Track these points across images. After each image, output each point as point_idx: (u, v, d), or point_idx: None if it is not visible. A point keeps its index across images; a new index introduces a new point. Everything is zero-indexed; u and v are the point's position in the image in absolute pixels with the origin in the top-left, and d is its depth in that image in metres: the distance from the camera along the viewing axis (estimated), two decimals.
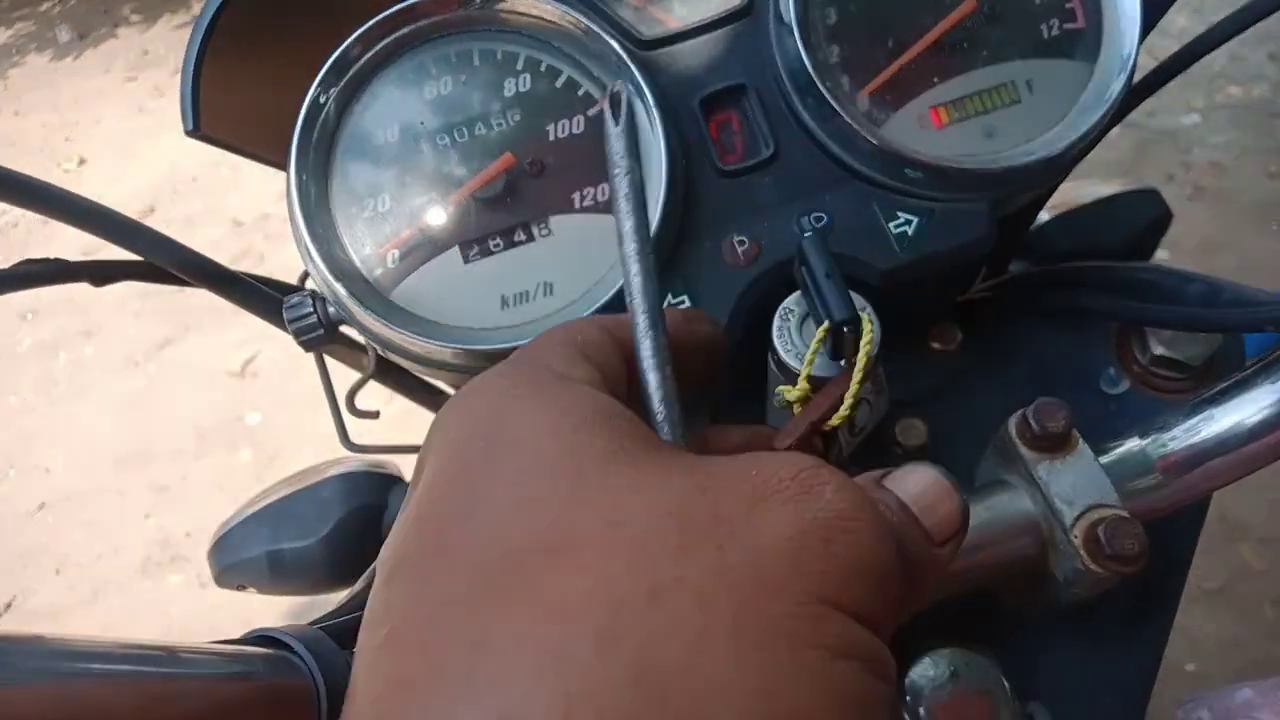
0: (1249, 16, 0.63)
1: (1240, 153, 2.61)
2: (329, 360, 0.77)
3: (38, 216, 0.61)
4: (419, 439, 0.82)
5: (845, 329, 0.49)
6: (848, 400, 0.49)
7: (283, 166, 0.61)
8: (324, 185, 0.59)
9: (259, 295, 0.69)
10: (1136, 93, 0.66)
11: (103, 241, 0.64)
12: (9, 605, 2.45)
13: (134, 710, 0.32)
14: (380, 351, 0.62)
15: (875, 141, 0.58)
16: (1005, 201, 0.61)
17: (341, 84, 0.59)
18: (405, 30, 0.60)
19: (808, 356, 0.51)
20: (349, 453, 0.87)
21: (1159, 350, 0.66)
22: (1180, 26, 2.61)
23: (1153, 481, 0.55)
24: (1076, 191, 1.11)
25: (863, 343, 0.49)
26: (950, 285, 0.66)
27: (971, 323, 0.71)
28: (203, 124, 0.61)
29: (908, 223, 0.60)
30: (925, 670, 0.58)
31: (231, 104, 0.64)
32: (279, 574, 0.79)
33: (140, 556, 2.41)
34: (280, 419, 2.56)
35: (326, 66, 0.59)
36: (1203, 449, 0.55)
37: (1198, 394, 0.58)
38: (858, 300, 0.50)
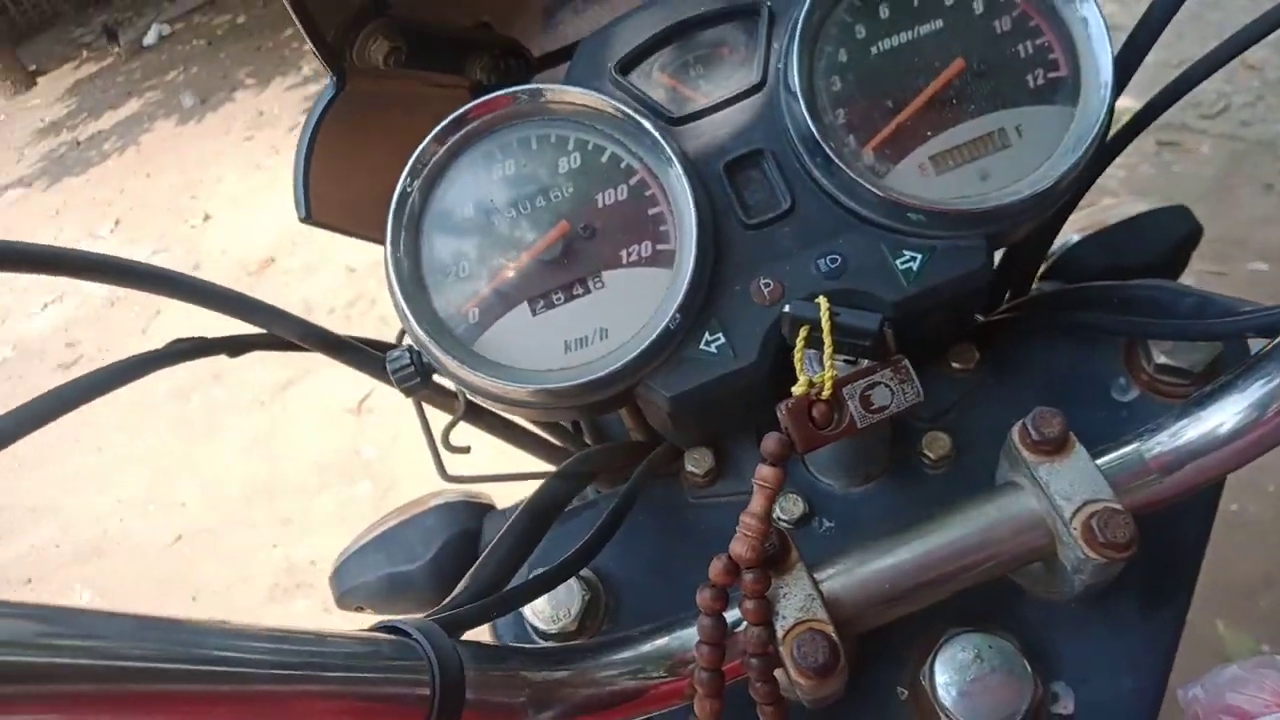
0: (1236, 45, 0.70)
1: None
2: (426, 407, 0.88)
3: (168, 267, 0.73)
4: (506, 469, 0.92)
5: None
6: (827, 365, 0.58)
7: (382, 242, 0.73)
8: (415, 258, 0.71)
9: (363, 355, 0.81)
10: (1123, 135, 0.73)
11: None
12: None
13: (292, 681, 0.42)
14: (468, 395, 0.73)
15: (879, 191, 0.67)
16: (1001, 235, 0.69)
17: (423, 174, 0.71)
18: (473, 125, 0.72)
19: (796, 355, 0.60)
20: (447, 484, 0.99)
21: (1161, 359, 0.73)
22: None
23: (1147, 479, 0.62)
24: (1110, 212, 1.16)
25: (823, 318, 0.58)
26: (959, 311, 0.73)
27: (990, 343, 0.78)
28: (314, 212, 0.74)
29: (913, 259, 0.68)
30: (950, 654, 0.64)
31: (337, 193, 0.77)
32: (392, 594, 0.91)
33: (268, 584, 2.59)
34: (395, 452, 2.72)
35: (410, 161, 0.70)
36: (1189, 448, 0.61)
37: (1180, 405, 0.64)
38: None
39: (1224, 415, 0.61)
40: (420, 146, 0.70)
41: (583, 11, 0.93)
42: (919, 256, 0.68)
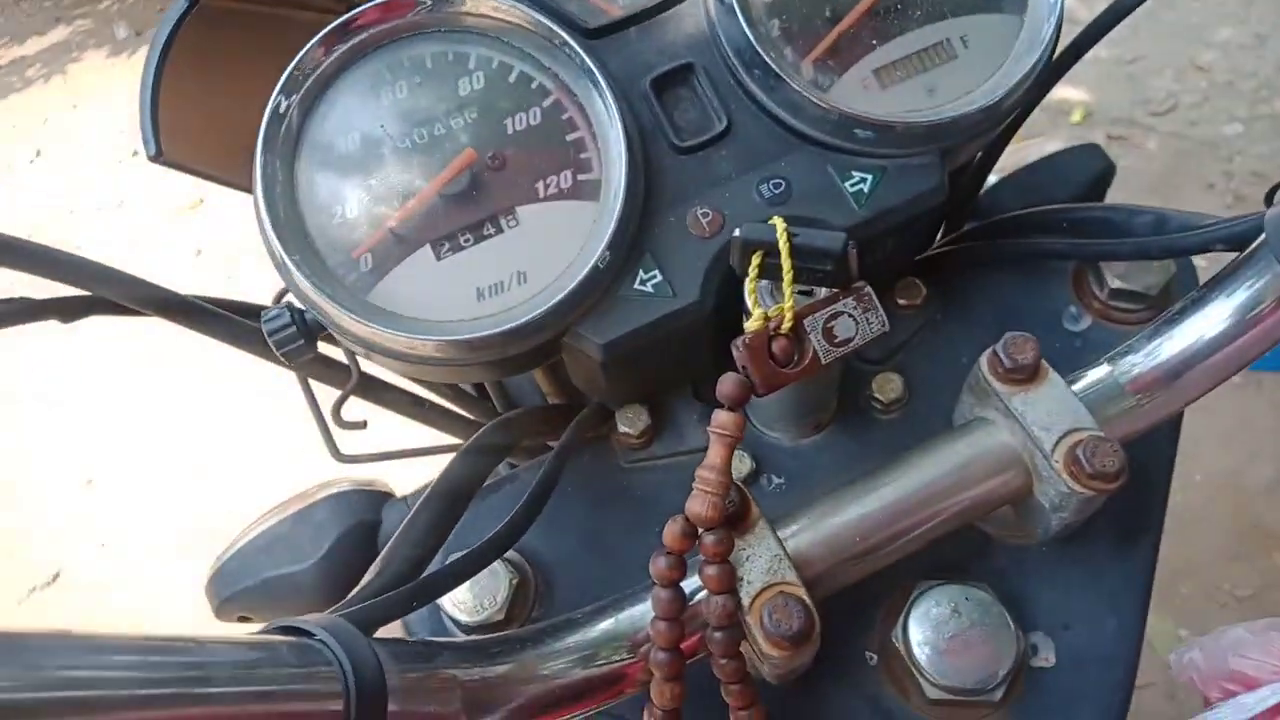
0: None
1: None
2: (315, 383, 0.77)
3: (90, 204, 0.60)
4: (409, 444, 0.82)
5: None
6: (787, 294, 0.52)
7: (249, 189, 0.62)
8: (291, 195, 0.60)
9: (226, 322, 0.69)
10: (1069, 52, 0.69)
11: None
12: (55, 577, 2.47)
13: (166, 702, 0.32)
14: (364, 355, 0.63)
15: (824, 105, 0.60)
16: (953, 153, 0.64)
17: (301, 92, 0.60)
18: (358, 38, 0.61)
19: (748, 287, 0.53)
20: (340, 474, 0.87)
21: (1115, 284, 0.69)
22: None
23: (1126, 404, 0.57)
24: (1024, 153, 1.14)
25: (781, 241, 0.51)
26: (910, 239, 0.68)
27: (934, 277, 0.73)
28: (165, 149, 0.62)
29: (863, 180, 0.62)
30: (925, 609, 0.59)
31: (194, 128, 0.65)
32: (279, 600, 0.79)
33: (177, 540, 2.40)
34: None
35: (285, 76, 0.59)
36: (1169, 366, 0.57)
37: (1152, 323, 0.61)
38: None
39: (1202, 328, 0.57)
40: (299, 55, 0.60)
41: None
42: (869, 177, 0.62)
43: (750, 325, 0.54)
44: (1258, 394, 2.05)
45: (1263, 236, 0.55)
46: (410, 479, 0.86)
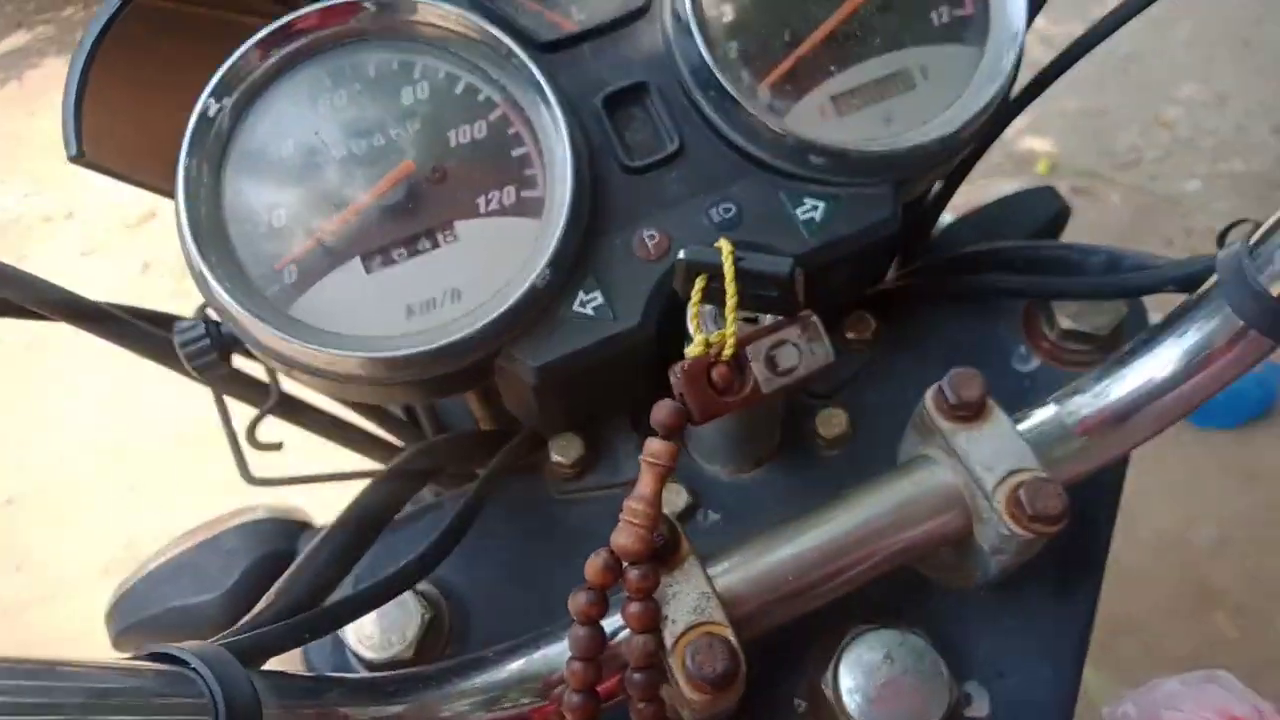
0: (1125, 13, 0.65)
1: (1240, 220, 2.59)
2: (233, 403, 0.74)
3: (39, 213, 0.57)
4: (327, 468, 0.79)
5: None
6: (730, 319, 0.50)
7: (170, 192, 0.60)
8: (216, 201, 0.57)
9: (136, 332, 0.65)
10: (1029, 90, 0.68)
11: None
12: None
13: None
14: (285, 372, 0.60)
15: (779, 130, 0.59)
16: (908, 184, 0.62)
17: (234, 96, 0.58)
18: (299, 43, 0.59)
19: (691, 311, 0.51)
20: (254, 503, 0.83)
21: (1066, 324, 0.68)
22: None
23: (1072, 446, 0.56)
24: (980, 195, 1.14)
25: (726, 264, 0.49)
26: (861, 270, 0.66)
27: (884, 312, 0.71)
28: (86, 150, 0.59)
29: (814, 208, 0.60)
30: (857, 655, 0.57)
31: (118, 130, 0.62)
32: (181, 632, 0.74)
33: (108, 558, 2.32)
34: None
35: (218, 76, 0.57)
36: (1117, 408, 0.56)
37: (1098, 367, 0.59)
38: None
39: (1152, 369, 0.56)
40: (232, 58, 0.57)
41: None
42: (820, 205, 0.60)
43: (691, 351, 0.52)
44: (1208, 453, 2.05)
45: (1214, 278, 0.54)
46: (333, 509, 0.83)
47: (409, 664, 0.58)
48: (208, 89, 0.57)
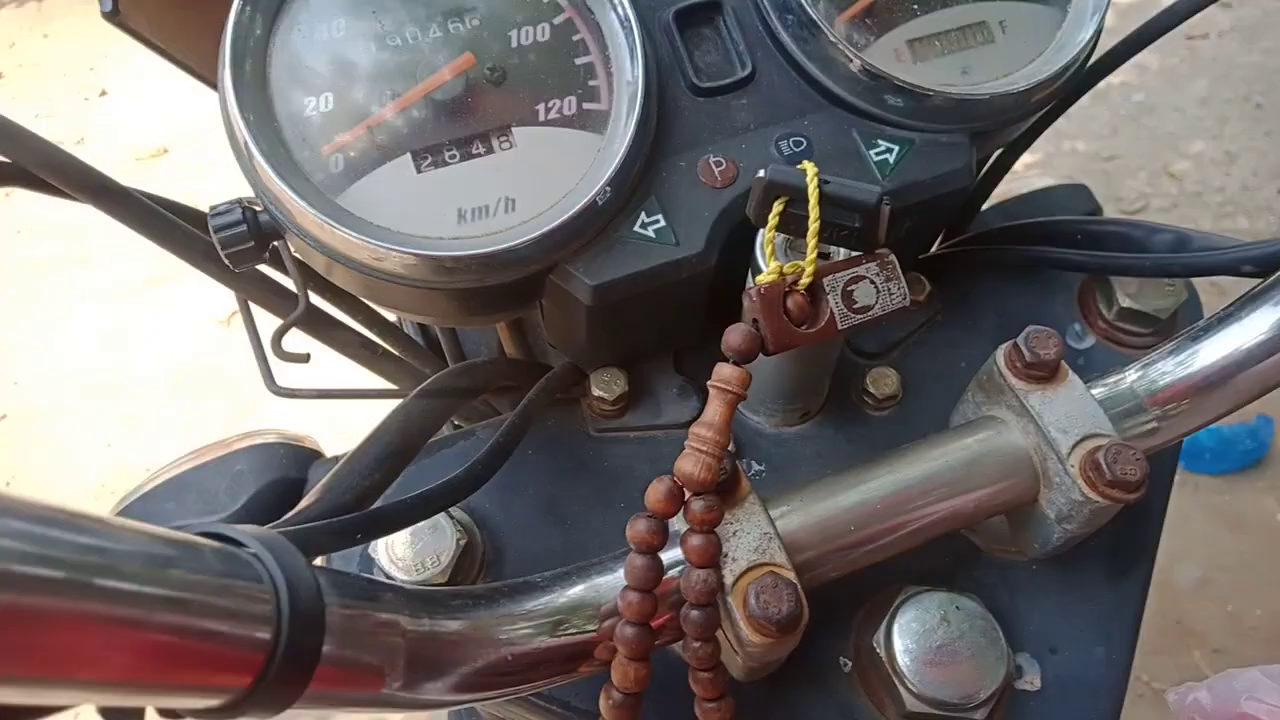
0: None
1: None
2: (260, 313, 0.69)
3: (48, 136, 0.51)
4: (353, 384, 0.74)
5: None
6: (811, 246, 0.47)
7: (212, 78, 0.55)
8: (262, 77, 0.53)
9: (164, 221, 0.60)
10: (1108, 59, 0.66)
11: None
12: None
13: (49, 587, 0.25)
14: (324, 270, 0.56)
15: (859, 63, 0.56)
16: (983, 137, 0.60)
17: None
18: None
19: (766, 235, 0.48)
20: (268, 427, 0.78)
21: (1125, 303, 0.66)
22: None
23: (1144, 417, 0.54)
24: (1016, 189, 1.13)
25: (810, 186, 0.46)
26: (923, 226, 0.64)
27: (938, 278, 0.69)
28: (123, 9, 0.54)
29: (889, 150, 0.57)
30: (912, 615, 0.54)
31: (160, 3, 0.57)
32: None
33: (95, 483, 2.27)
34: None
35: None
36: (1193, 382, 0.54)
37: (1173, 338, 0.57)
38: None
39: (1233, 344, 0.54)
40: None
41: None
42: (895, 148, 0.57)
43: (764, 278, 0.48)
44: (1193, 496, 2.05)
45: None
46: (349, 441, 0.78)
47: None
48: None
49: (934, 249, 0.75)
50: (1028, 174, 2.62)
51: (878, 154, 0.57)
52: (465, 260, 0.51)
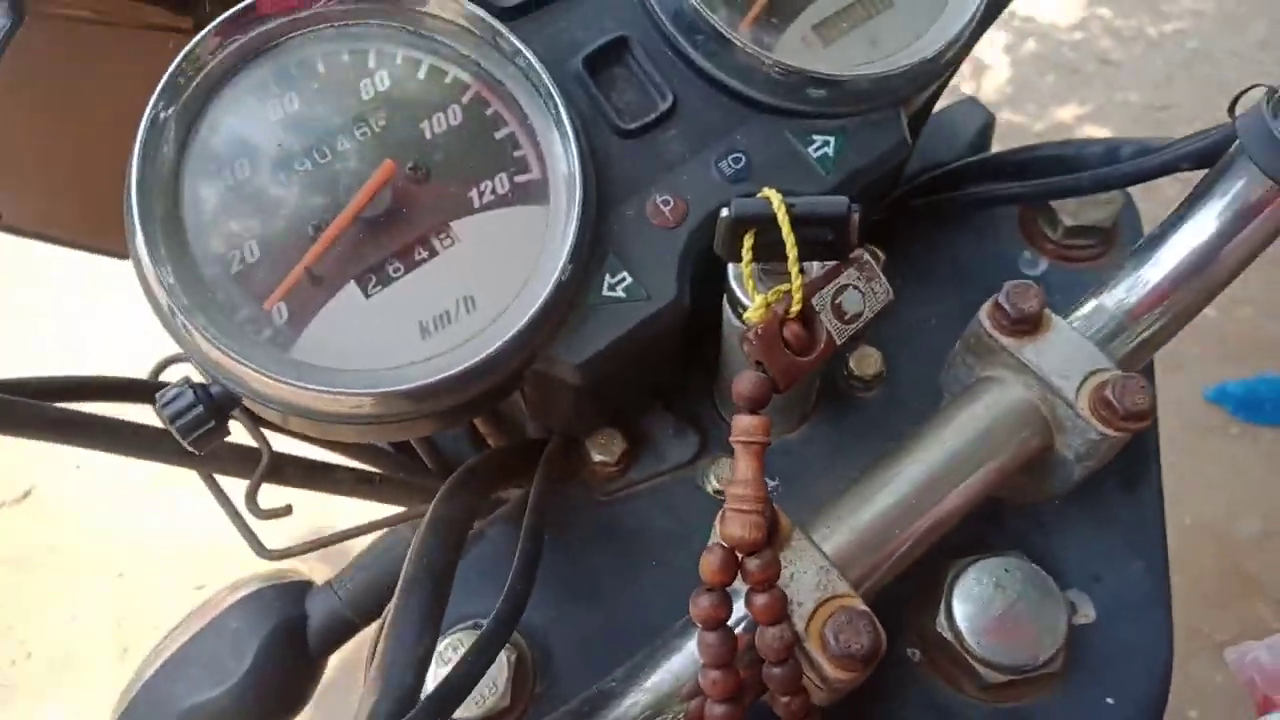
0: None
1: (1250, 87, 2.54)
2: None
3: None
4: (339, 525, 0.71)
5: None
6: (794, 272, 0.46)
7: (117, 252, 0.51)
8: (179, 239, 0.49)
9: (116, 435, 0.56)
10: None
11: None
12: (26, 494, 2.24)
13: None
14: (281, 423, 0.53)
15: (775, 64, 0.55)
16: (910, 105, 0.60)
17: (183, 99, 0.50)
18: (251, 33, 0.51)
19: (744, 271, 0.47)
20: (250, 572, 0.75)
21: (1069, 221, 0.67)
22: None
23: (1131, 335, 0.55)
24: None
25: (779, 211, 0.46)
26: (875, 199, 0.64)
27: (886, 240, 0.69)
28: (5, 214, 0.50)
29: (826, 144, 0.57)
30: (966, 589, 0.55)
31: (32, 184, 0.53)
32: None
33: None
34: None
35: (164, 80, 0.49)
36: (1162, 287, 0.56)
37: (1121, 258, 0.59)
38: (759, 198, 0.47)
39: (1190, 241, 0.55)
40: (180, 56, 0.49)
41: None
42: (832, 139, 0.57)
43: (752, 314, 0.48)
44: (1253, 447, 2.06)
45: (1236, 143, 0.54)
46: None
47: (506, 713, 0.53)
48: (154, 94, 0.49)
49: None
50: (1080, 126, 2.56)
51: (816, 150, 0.57)
52: (441, 384, 0.48)
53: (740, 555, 0.45)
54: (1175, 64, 2.67)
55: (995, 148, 0.84)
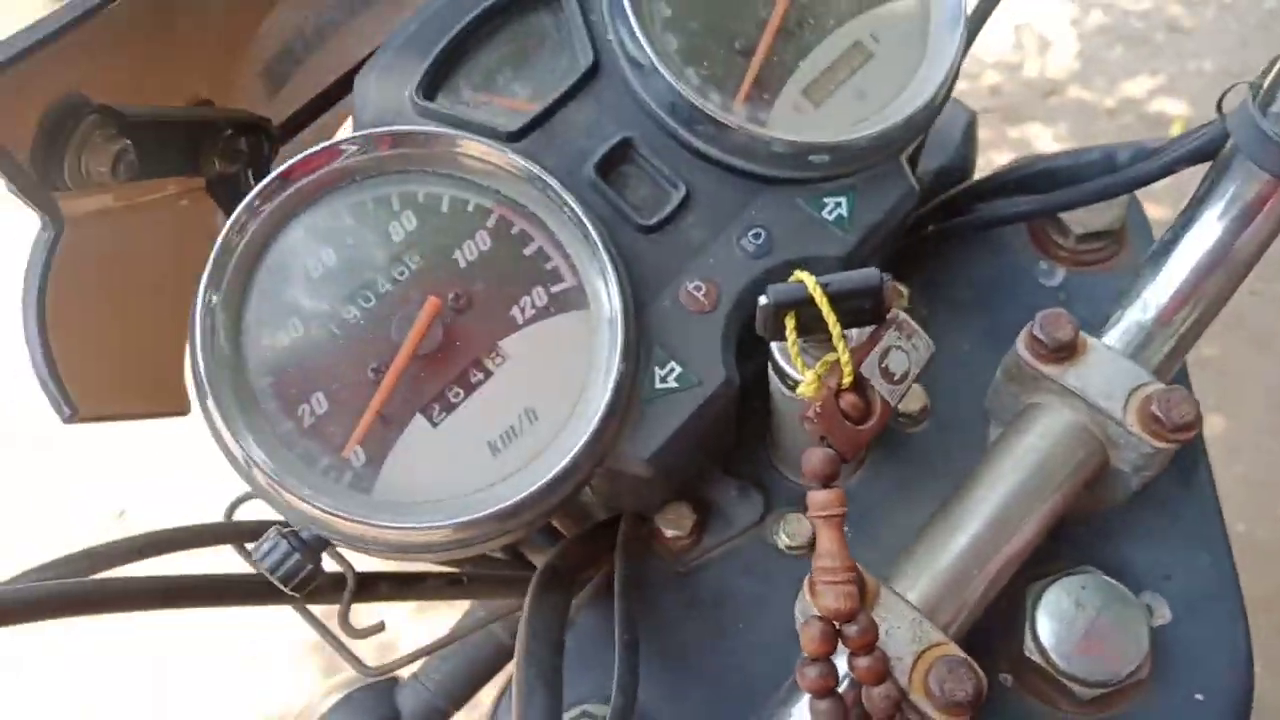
0: None
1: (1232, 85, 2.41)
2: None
3: None
4: (427, 632, 0.73)
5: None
6: (840, 347, 0.49)
7: (182, 410, 0.53)
8: (253, 413, 0.51)
9: (223, 591, 0.58)
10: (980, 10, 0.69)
11: None
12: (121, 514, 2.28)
13: None
14: (368, 552, 0.55)
15: (773, 140, 0.57)
16: (912, 151, 0.62)
17: (224, 282, 0.52)
18: (281, 196, 0.54)
19: (792, 351, 0.49)
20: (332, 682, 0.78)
21: (1079, 229, 0.69)
22: None
23: (1163, 341, 0.57)
24: None
25: (816, 294, 0.48)
26: (892, 244, 0.66)
27: (904, 276, 0.71)
28: (82, 407, 0.52)
29: (838, 204, 0.59)
30: (1048, 610, 0.56)
31: (102, 370, 0.55)
32: None
33: None
34: None
35: (208, 269, 0.51)
36: (1183, 289, 0.58)
37: (1135, 256, 0.61)
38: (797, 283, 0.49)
39: (1202, 240, 0.58)
40: (218, 241, 0.51)
41: (305, 60, 0.75)
42: (843, 199, 0.59)
43: (806, 390, 0.50)
44: None
45: (1231, 141, 0.56)
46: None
47: None
48: (201, 283, 0.51)
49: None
50: (1152, 99, 2.46)
51: (830, 212, 0.59)
52: (526, 501, 0.51)
53: (838, 624, 0.47)
54: (1250, 26, 2.53)
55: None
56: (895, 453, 0.67)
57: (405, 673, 0.85)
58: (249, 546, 0.55)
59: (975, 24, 0.67)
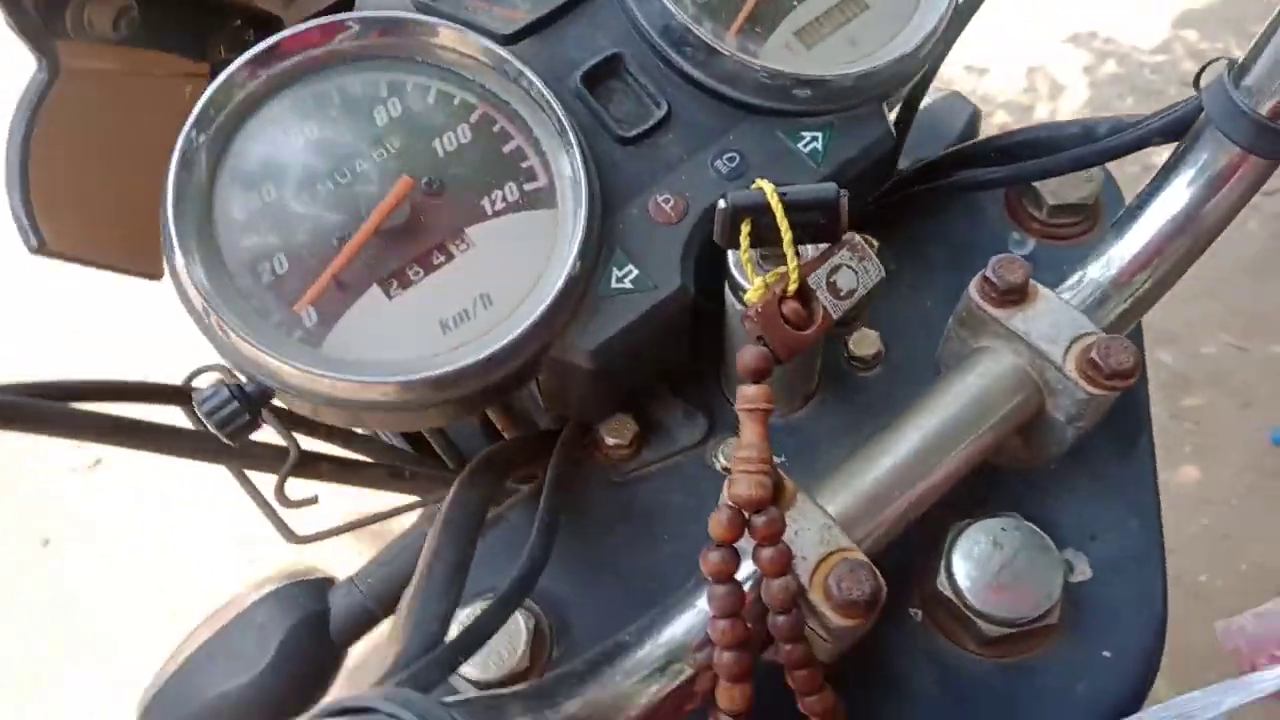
0: None
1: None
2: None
3: None
4: (365, 509, 0.74)
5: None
6: (790, 254, 0.50)
7: (144, 269, 0.56)
8: (214, 257, 0.54)
9: (148, 431, 0.61)
10: None
11: None
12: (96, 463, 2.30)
13: None
14: (311, 413, 0.57)
15: (762, 69, 0.59)
16: (891, 99, 0.64)
17: (214, 127, 0.55)
18: (282, 64, 0.56)
19: (743, 256, 0.51)
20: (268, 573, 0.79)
21: (1053, 201, 0.70)
22: None
23: (1115, 302, 0.59)
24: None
25: (772, 200, 0.49)
26: (862, 191, 0.68)
27: (876, 231, 0.73)
28: (48, 239, 0.55)
29: (814, 139, 0.61)
30: (966, 549, 0.58)
31: (73, 213, 0.58)
32: None
33: None
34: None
35: (198, 108, 0.54)
36: (1142, 255, 0.59)
37: (1105, 229, 0.62)
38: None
39: (1166, 210, 0.59)
40: (212, 89, 0.54)
41: None
42: (820, 134, 0.61)
43: (753, 295, 0.52)
44: None
45: (1203, 115, 0.57)
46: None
47: (524, 676, 0.57)
48: (187, 123, 0.54)
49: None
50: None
51: (806, 145, 0.61)
52: (464, 370, 0.53)
53: (747, 514, 0.48)
54: None
55: None
56: (845, 394, 0.68)
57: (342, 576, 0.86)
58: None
59: None
